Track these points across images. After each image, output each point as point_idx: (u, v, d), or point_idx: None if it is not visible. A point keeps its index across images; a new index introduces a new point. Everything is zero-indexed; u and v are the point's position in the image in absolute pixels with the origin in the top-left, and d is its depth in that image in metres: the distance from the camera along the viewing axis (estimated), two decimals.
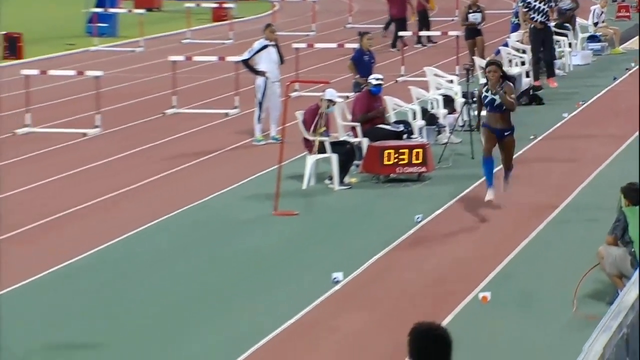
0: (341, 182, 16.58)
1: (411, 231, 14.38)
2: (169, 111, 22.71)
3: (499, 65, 15.11)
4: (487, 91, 14.80)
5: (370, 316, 11.49)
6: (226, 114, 22.44)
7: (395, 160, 16.81)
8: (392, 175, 16.97)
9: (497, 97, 14.67)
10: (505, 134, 14.96)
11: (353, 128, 17.69)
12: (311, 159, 16.66)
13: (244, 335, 10.81)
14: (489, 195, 15.02)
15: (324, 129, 16.82)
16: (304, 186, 16.54)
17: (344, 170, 16.68)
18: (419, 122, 18.75)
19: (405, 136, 17.82)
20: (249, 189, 16.64)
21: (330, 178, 16.65)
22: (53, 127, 21.16)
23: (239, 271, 12.96)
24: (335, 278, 12.35)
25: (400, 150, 16.84)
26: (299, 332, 11.01)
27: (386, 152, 16.83)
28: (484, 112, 15.11)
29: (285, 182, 15.89)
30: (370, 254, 13.24)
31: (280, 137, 17.66)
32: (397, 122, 18.41)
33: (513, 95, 15.01)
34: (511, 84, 15.25)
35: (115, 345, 10.67)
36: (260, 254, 13.59)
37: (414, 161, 16.86)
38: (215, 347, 10.57)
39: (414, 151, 16.90)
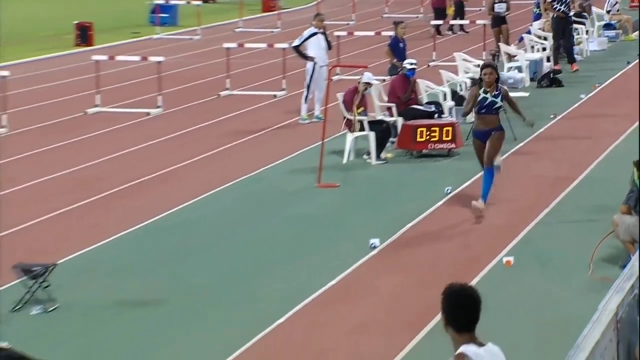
0: (378, 157, 16.61)
1: (441, 201, 14.35)
2: (223, 93, 22.73)
3: (494, 67, 13.75)
4: (485, 92, 13.31)
5: (404, 278, 11.47)
6: (274, 96, 22.43)
7: (427, 137, 16.84)
8: (424, 151, 16.97)
9: (497, 99, 13.27)
10: (493, 132, 13.37)
11: (389, 108, 17.68)
12: (351, 136, 16.65)
13: (292, 293, 10.83)
14: (477, 205, 13.27)
15: (362, 109, 16.82)
16: (344, 161, 16.55)
17: (380, 146, 16.71)
18: (448, 103, 18.73)
19: (436, 115, 17.82)
20: (295, 163, 16.66)
21: (368, 153, 16.66)
22: (120, 107, 21.24)
23: (286, 236, 12.98)
24: (372, 244, 12.34)
25: (432, 128, 16.86)
26: (340, 291, 11.02)
27: (419, 130, 16.84)
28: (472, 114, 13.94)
29: (328, 157, 15.90)
30: (404, 222, 13.22)
31: (323, 116, 17.64)
32: (429, 103, 18.41)
33: (513, 100, 13.88)
34: (505, 87, 14.10)
35: (175, 301, 10.72)
36: (305, 222, 13.61)
37: (444, 138, 16.87)
38: (267, 303, 10.59)
39: (444, 129, 16.90)
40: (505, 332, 8.98)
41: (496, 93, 13.31)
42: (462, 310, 5.35)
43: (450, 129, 16.91)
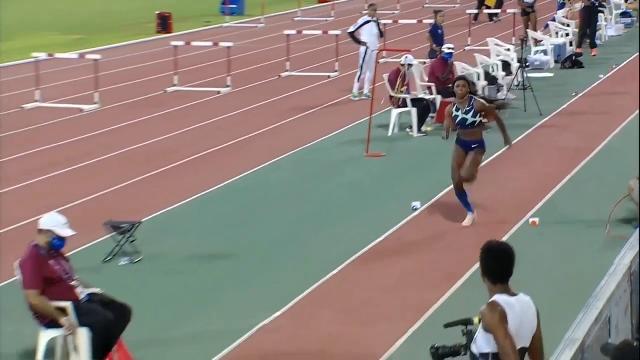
0: (419, 130, 16.56)
1: None
2: (284, 74, 22.71)
3: (467, 80, 11.59)
4: (457, 110, 11.37)
5: (441, 237, 11.43)
6: (328, 76, 22.38)
7: None
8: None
9: (468, 116, 11.28)
10: (473, 146, 11.51)
11: (429, 87, 17.58)
12: (395, 112, 16.61)
13: (342, 250, 10.85)
14: (467, 221, 11.56)
15: (405, 87, 16.79)
16: (389, 133, 16.51)
17: (421, 120, 16.67)
18: (482, 82, 18.58)
19: None
20: (346, 136, 16.64)
21: (410, 127, 16.60)
22: (194, 86, 21.31)
23: (338, 200, 12.99)
24: (414, 206, 12.30)
25: None
26: (385, 248, 11.01)
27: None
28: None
29: (374, 130, 15.85)
30: (441, 188, 13.15)
31: (371, 94, 17.59)
32: None
33: (488, 105, 11.56)
34: (480, 99, 11.61)
35: (241, 255, 10.79)
36: (354, 187, 13.60)
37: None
38: (320, 259, 10.62)
39: None
40: (532, 284, 8.94)
41: (467, 109, 11.28)
42: (497, 264, 5.34)
43: None
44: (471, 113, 11.25)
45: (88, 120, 18.18)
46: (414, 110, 16.51)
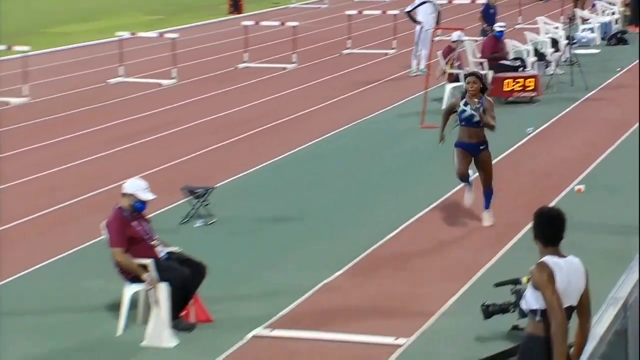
0: None
1: (524, 139, 14.09)
2: (345, 51, 22.62)
3: (479, 76, 10.25)
4: (465, 105, 10.09)
5: (492, 202, 11.31)
6: (386, 54, 22.24)
7: (513, 87, 16.66)
8: (510, 99, 16.69)
9: (476, 113, 10.02)
10: (481, 147, 10.23)
11: (481, 63, 17.39)
12: (449, 86, 16.46)
13: (399, 214, 10.81)
14: (467, 199, 10.38)
15: (458, 63, 16.66)
16: (443, 106, 16.31)
17: None
18: (531, 59, 18.36)
19: (520, 69, 17.48)
20: (403, 108, 16.55)
21: None
22: (263, 63, 21.33)
23: (395, 167, 12.94)
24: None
25: (517, 80, 16.67)
26: (439, 212, 10.95)
27: (506, 81, 16.67)
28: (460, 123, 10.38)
29: (430, 103, 15.74)
30: (494, 155, 12.98)
31: (427, 69, 17.47)
32: (515, 59, 18.06)
33: (493, 114, 10.19)
34: (490, 98, 10.43)
35: (307, 217, 10.81)
36: (411, 155, 13.55)
37: (527, 88, 16.64)
38: (380, 221, 10.60)
39: (527, 80, 16.70)
40: (579, 247, 8.82)
41: (477, 106, 10.02)
42: (549, 228, 5.28)
43: (532, 80, 16.72)
44: (481, 110, 10.01)
45: (166, 94, 18.32)
46: None
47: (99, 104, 17.30)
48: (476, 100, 10.05)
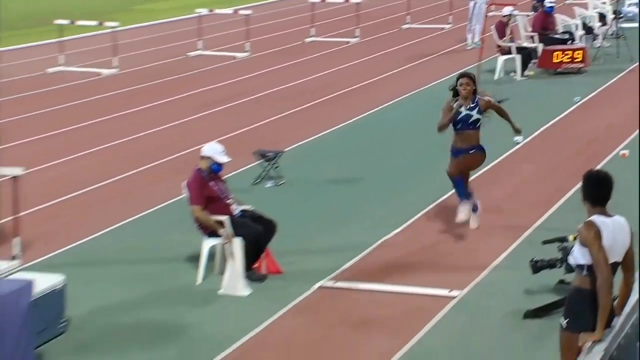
0: (522, 75, 16.14)
1: (572, 108, 13.81)
2: (404, 26, 22.39)
3: (471, 77, 9.06)
4: (459, 107, 8.92)
5: (542, 166, 11.15)
6: (442, 28, 21.94)
7: (562, 59, 16.34)
8: (558, 70, 16.37)
9: (473, 112, 8.87)
10: (471, 152, 8.96)
11: (532, 37, 17.06)
12: (501, 58, 16.23)
13: None
14: (462, 213, 8.83)
15: (510, 36, 16.37)
16: (496, 77, 16.14)
17: (524, 66, 16.26)
18: (579, 32, 17.96)
19: (569, 42, 17.12)
20: None
21: (514, 71, 16.20)
22: (328, 37, 21.23)
23: (451, 132, 12.75)
24: (516, 140, 11.96)
25: (566, 52, 16.35)
26: (492, 175, 10.82)
27: (555, 53, 16.39)
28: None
29: (483, 74, 15.51)
30: (544, 122, 12.82)
31: (481, 43, 17.20)
32: (564, 33, 17.70)
33: (493, 102, 9.10)
34: (486, 98, 9.09)
35: (368, 180, 10.78)
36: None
37: (575, 59, 16.31)
38: (433, 185, 10.50)
39: (575, 52, 16.37)
40: (623, 207, 8.65)
41: (472, 106, 8.91)
42: (597, 190, 5.18)
43: (580, 52, 16.40)
44: (476, 110, 8.88)
45: (240, 66, 18.37)
46: (518, 57, 16.12)
47: (180, 75, 17.43)
48: (470, 101, 8.91)
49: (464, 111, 8.89)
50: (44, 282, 6.64)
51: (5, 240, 8.52)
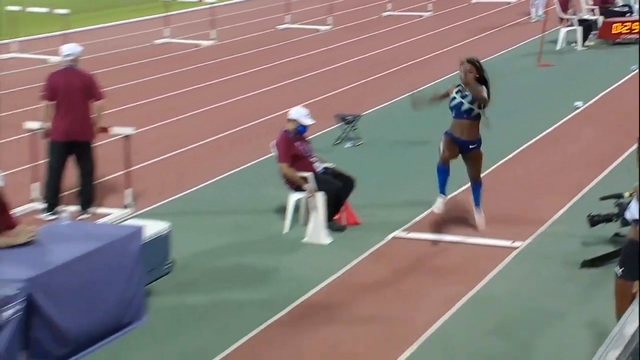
0: (583, 45, 15.60)
1: (629, 75, 13.31)
2: (473, 1, 21.89)
3: (475, 65, 7.35)
4: (457, 92, 7.41)
5: (599, 130, 10.81)
6: (508, 2, 21.36)
7: (621, 30, 15.75)
8: (617, 40, 15.79)
9: (464, 100, 7.32)
10: (471, 147, 7.46)
11: (592, 10, 16.45)
12: (563, 30, 15.73)
13: (514, 140, 10.47)
14: (438, 206, 7.39)
15: (572, 10, 15.84)
16: (558, 47, 15.66)
17: (585, 37, 15.73)
18: (637, 5, 17.24)
19: (627, 14, 16.47)
20: (523, 49, 15.92)
21: (576, 42, 15.67)
22: (403, 11, 20.93)
23: (515, 99, 12.50)
24: (576, 105, 11.65)
25: (624, 23, 15.80)
26: (552, 139, 10.54)
27: (614, 25, 15.86)
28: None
29: (546, 44, 15.06)
30: (602, 89, 12.41)
31: (545, 15, 16.69)
32: (623, 6, 17.05)
33: (483, 90, 7.30)
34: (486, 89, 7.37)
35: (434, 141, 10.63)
36: (528, 90, 13.06)
37: (633, 31, 15.71)
38: (501, 142, 10.28)
39: (633, 24, 15.82)
40: None
41: (465, 94, 7.34)
42: None
43: (638, 24, 15.91)
44: (467, 98, 7.35)
45: (323, 38, 18.29)
46: (579, 29, 15.59)
47: (270, 46, 17.46)
48: (467, 89, 7.32)
49: (457, 97, 7.34)
50: (152, 228, 6.79)
51: (119, 192, 8.75)
